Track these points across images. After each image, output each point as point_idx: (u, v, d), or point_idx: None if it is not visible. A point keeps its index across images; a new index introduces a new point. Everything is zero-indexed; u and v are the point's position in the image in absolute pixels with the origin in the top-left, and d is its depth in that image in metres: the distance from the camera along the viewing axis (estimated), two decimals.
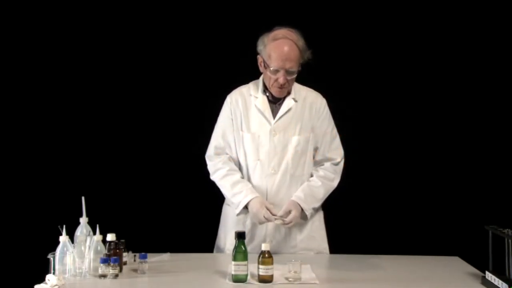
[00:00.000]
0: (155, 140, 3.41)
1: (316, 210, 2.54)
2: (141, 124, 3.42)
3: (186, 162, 3.38)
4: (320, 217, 2.60)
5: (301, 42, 2.43)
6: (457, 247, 2.62)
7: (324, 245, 2.59)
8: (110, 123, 3.38)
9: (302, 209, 2.44)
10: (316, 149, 2.56)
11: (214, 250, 2.63)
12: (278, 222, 2.40)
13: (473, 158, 3.37)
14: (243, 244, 2.01)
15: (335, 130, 2.59)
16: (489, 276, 1.99)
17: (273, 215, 2.38)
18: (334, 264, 2.47)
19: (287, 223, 2.39)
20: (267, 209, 2.38)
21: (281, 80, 2.41)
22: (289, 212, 2.40)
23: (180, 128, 3.39)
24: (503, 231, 1.96)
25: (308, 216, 2.48)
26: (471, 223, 2.91)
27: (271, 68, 2.41)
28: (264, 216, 2.36)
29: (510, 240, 1.92)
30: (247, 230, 2.49)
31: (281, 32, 2.43)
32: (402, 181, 3.36)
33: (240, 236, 2.02)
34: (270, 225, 2.48)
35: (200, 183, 3.30)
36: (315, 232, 2.56)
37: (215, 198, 3.17)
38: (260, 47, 2.47)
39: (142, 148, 3.42)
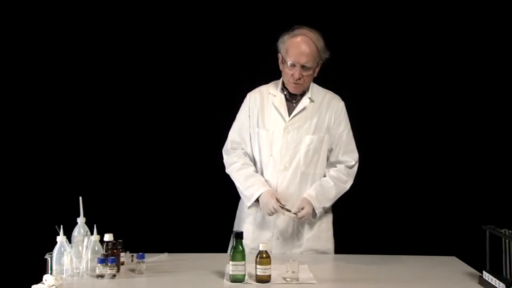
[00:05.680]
0: (152, 141, 3.41)
1: (325, 210, 2.55)
2: (139, 124, 3.41)
3: (184, 162, 3.39)
4: (328, 219, 2.62)
5: (320, 42, 2.49)
6: (455, 247, 2.63)
7: (328, 245, 2.61)
8: (108, 123, 3.37)
9: (313, 207, 2.47)
10: (330, 150, 2.59)
11: (230, 245, 2.63)
12: (290, 215, 2.43)
13: (471, 159, 3.37)
14: (241, 244, 2.01)
15: (351, 134, 2.61)
16: (487, 276, 1.99)
17: (282, 206, 2.42)
18: (332, 264, 2.48)
19: (300, 217, 2.43)
20: (277, 200, 2.42)
21: (296, 74, 2.46)
22: (302, 208, 2.44)
23: (178, 128, 3.39)
24: (501, 231, 1.97)
25: (318, 214, 2.51)
26: (469, 223, 2.91)
27: (288, 63, 2.48)
28: (273, 207, 2.40)
29: (507, 240, 1.92)
30: (256, 224, 2.54)
31: (300, 30, 2.51)
32: (400, 182, 3.36)
33: (238, 236, 2.02)
34: (279, 223, 2.52)
35: (199, 183, 3.33)
36: (322, 232, 2.58)
37: (214, 197, 3.19)
38: (280, 45, 2.54)
39: (140, 148, 3.41)
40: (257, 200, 2.50)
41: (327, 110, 2.57)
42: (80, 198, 2.16)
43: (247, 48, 3.25)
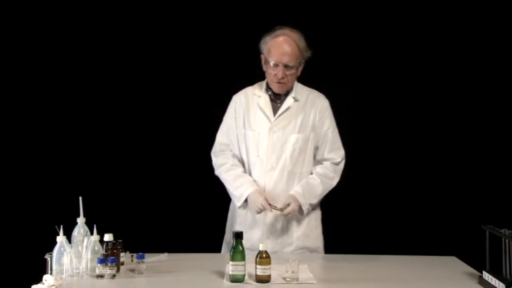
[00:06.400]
0: (152, 141, 3.41)
1: (313, 207, 2.57)
2: (138, 124, 3.41)
3: (183, 162, 3.39)
4: (316, 216, 2.64)
5: (301, 41, 2.51)
6: (454, 247, 2.63)
7: (318, 243, 2.62)
8: (107, 123, 3.38)
9: (299, 204, 2.49)
10: (317, 149, 2.60)
11: (223, 245, 2.68)
12: (277, 212, 2.46)
13: (471, 158, 3.38)
14: (241, 244, 2.01)
15: (336, 131, 2.63)
16: (486, 275, 1.99)
17: (270, 205, 2.44)
18: (331, 264, 2.48)
19: (286, 214, 2.46)
20: (265, 199, 2.44)
21: (279, 74, 2.48)
22: (288, 205, 2.46)
23: (177, 128, 3.39)
24: (500, 231, 1.97)
25: (305, 211, 2.52)
26: (468, 223, 2.91)
27: (271, 63, 2.49)
28: (261, 204, 2.42)
29: (507, 240, 1.92)
30: (247, 224, 2.56)
31: (282, 30, 2.52)
32: (399, 181, 3.37)
33: (238, 236, 2.02)
34: (268, 220, 2.54)
35: (198, 182, 3.33)
36: (311, 230, 2.60)
37: (213, 197, 3.17)
38: (262, 46, 2.56)
39: (139, 148, 3.42)
40: (246, 200, 2.51)
41: (311, 108, 2.59)
42: (80, 198, 2.16)
43: (243, 50, 3.22)
